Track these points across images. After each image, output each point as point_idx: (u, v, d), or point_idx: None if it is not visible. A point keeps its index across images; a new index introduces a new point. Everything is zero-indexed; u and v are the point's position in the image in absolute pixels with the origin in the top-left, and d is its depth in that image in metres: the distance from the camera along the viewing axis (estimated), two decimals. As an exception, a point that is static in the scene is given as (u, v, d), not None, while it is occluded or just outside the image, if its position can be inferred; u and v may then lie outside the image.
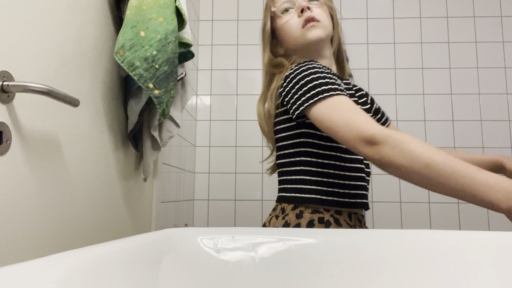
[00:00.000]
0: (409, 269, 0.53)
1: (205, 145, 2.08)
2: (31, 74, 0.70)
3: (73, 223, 0.84)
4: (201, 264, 0.54)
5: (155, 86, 0.97)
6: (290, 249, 0.56)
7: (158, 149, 1.20)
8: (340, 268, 0.54)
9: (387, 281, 0.52)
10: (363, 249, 0.56)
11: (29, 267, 0.32)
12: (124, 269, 0.42)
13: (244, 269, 0.54)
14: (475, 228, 2.00)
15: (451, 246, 0.54)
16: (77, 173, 0.86)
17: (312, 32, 0.88)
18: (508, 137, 2.02)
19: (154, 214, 1.35)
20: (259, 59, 2.13)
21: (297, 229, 0.69)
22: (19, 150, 0.66)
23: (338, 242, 0.56)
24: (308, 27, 0.88)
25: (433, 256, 0.53)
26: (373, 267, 0.54)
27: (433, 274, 0.52)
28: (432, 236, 0.56)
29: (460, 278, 0.51)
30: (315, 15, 0.89)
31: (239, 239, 0.57)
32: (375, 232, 0.61)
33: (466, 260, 0.52)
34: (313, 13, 0.89)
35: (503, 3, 2.11)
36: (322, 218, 0.85)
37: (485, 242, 0.54)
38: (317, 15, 0.90)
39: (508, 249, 0.52)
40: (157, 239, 0.54)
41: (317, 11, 0.91)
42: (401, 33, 2.12)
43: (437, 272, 0.52)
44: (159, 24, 0.96)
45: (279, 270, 0.54)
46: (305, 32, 0.89)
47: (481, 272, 0.51)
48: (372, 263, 0.54)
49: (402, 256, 0.54)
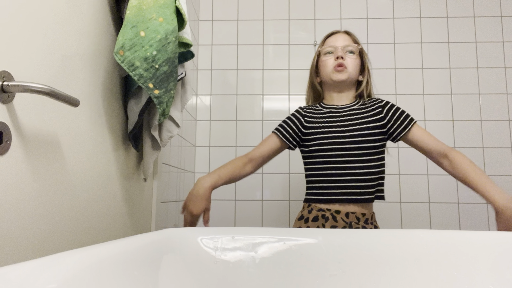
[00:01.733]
0: (409, 269, 0.53)
1: (205, 145, 2.08)
2: (31, 74, 0.70)
3: (73, 223, 0.84)
4: (201, 264, 0.54)
5: (155, 86, 0.97)
6: (290, 249, 0.56)
7: (158, 149, 1.20)
8: (340, 268, 0.54)
9: (387, 281, 0.52)
10: (363, 249, 0.56)
11: (29, 267, 0.32)
12: (124, 269, 0.42)
13: (244, 269, 0.54)
14: (475, 228, 2.00)
15: (451, 246, 0.54)
16: (77, 173, 0.86)
17: (338, 74, 1.21)
18: (508, 137, 2.02)
19: (154, 214, 1.35)
20: (259, 59, 2.13)
21: (297, 229, 0.69)
22: (19, 150, 0.66)
23: (338, 242, 0.56)
24: (337, 69, 1.21)
25: (433, 256, 0.53)
26: (373, 267, 0.54)
27: (433, 273, 0.52)
28: (432, 236, 0.56)
29: (460, 278, 0.50)
30: (345, 63, 1.21)
31: (239, 239, 0.57)
32: (375, 232, 0.61)
33: (466, 260, 0.52)
34: (344, 61, 1.21)
35: (503, 3, 2.11)
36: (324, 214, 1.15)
37: (485, 242, 0.54)
38: (347, 63, 1.21)
39: (508, 249, 0.52)
40: (157, 239, 0.54)
41: (348, 61, 1.22)
42: (401, 33, 2.12)
43: (437, 272, 0.52)
44: (159, 24, 0.96)
45: (279, 270, 0.54)
46: (334, 72, 1.22)
47: (481, 271, 0.51)
48: (372, 263, 0.54)
49: (402, 256, 0.54)
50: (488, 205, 1.99)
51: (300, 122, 1.23)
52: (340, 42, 1.24)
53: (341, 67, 1.20)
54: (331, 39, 1.27)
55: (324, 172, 1.17)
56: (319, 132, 1.20)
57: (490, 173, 2.01)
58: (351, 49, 1.23)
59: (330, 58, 1.23)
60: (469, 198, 1.99)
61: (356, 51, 1.23)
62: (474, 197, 1.99)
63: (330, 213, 1.14)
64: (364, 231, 0.59)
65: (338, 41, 1.24)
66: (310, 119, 1.23)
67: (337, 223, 1.12)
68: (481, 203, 1.99)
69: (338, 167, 1.16)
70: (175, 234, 0.58)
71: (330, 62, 1.22)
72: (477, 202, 1.99)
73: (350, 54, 1.23)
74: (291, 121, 1.24)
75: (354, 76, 1.23)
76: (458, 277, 0.52)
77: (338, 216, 1.13)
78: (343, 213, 1.13)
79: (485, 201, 1.95)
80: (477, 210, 1.99)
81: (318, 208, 1.16)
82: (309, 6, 2.15)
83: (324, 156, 1.18)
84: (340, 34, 1.27)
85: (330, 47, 1.24)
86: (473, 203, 1.99)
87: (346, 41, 1.24)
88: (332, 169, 1.16)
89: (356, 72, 1.23)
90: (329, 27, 2.13)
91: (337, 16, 2.14)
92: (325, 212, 1.14)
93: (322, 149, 1.18)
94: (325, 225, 1.12)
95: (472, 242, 0.55)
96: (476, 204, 1.99)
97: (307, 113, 1.25)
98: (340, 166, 1.15)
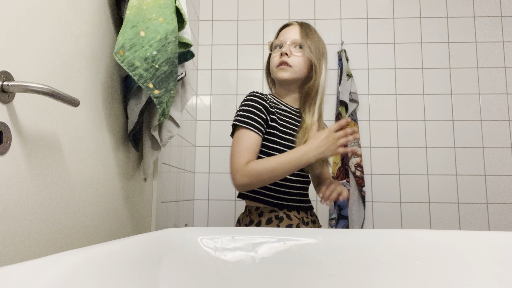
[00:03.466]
0: (408, 269, 0.53)
1: (205, 145, 2.08)
2: (31, 74, 0.70)
3: (73, 223, 0.84)
4: (201, 264, 0.54)
5: (155, 86, 0.97)
6: (290, 249, 0.56)
7: (158, 149, 1.20)
8: (340, 268, 0.54)
9: (387, 281, 0.52)
10: (363, 249, 0.56)
11: (29, 267, 0.32)
12: (124, 269, 0.42)
13: (244, 269, 0.54)
14: (475, 228, 2.00)
15: (451, 246, 0.54)
16: (77, 173, 0.86)
17: (281, 72, 1.12)
18: (508, 137, 2.02)
19: (154, 214, 1.35)
20: (259, 59, 2.13)
21: (297, 229, 0.69)
22: (19, 150, 0.66)
23: (338, 242, 0.56)
24: (280, 67, 1.12)
25: (433, 256, 0.53)
26: (373, 267, 0.54)
27: (433, 273, 0.52)
28: (432, 236, 0.56)
29: (460, 278, 0.50)
30: (289, 61, 1.11)
31: (239, 239, 0.57)
32: (375, 232, 0.61)
33: (466, 260, 0.52)
34: (289, 59, 1.11)
35: (503, 3, 2.11)
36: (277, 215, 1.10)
37: (485, 242, 0.54)
38: (291, 61, 1.11)
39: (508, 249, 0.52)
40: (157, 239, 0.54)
41: (293, 59, 1.12)
42: (401, 33, 2.12)
43: (437, 272, 0.52)
44: (159, 24, 0.96)
45: (279, 270, 0.54)
46: (277, 71, 1.13)
47: (481, 271, 0.51)
48: (372, 263, 0.54)
49: (402, 256, 0.54)
50: (488, 205, 1.99)
51: (267, 109, 1.08)
52: (290, 35, 1.13)
53: (284, 65, 1.10)
54: (283, 32, 1.17)
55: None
56: (280, 132, 1.09)
57: (490, 173, 2.01)
58: (301, 43, 1.12)
59: (277, 55, 1.13)
60: (469, 198, 1.99)
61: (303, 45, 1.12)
62: (474, 197, 1.99)
63: (282, 212, 1.08)
64: (364, 231, 0.59)
65: (289, 33, 1.14)
66: (272, 109, 1.10)
67: (291, 221, 1.07)
68: (481, 203, 1.99)
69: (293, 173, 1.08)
70: (175, 234, 0.58)
71: (275, 60, 1.13)
72: (477, 202, 1.99)
73: (299, 49, 1.12)
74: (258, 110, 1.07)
75: (299, 74, 1.12)
76: (458, 277, 0.52)
77: (290, 213, 1.09)
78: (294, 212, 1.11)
79: (485, 201, 1.95)
80: (477, 210, 1.99)
81: (269, 209, 1.09)
82: (309, 6, 2.15)
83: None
84: (292, 27, 1.15)
85: (279, 41, 1.15)
86: (473, 203, 1.99)
87: (297, 34, 1.12)
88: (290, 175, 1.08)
89: (301, 70, 1.12)
90: (329, 27, 2.13)
91: (337, 16, 2.14)
92: (278, 212, 1.08)
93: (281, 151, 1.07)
94: (280, 225, 1.06)
95: (472, 242, 0.55)
96: (476, 204, 1.99)
97: (270, 102, 1.11)
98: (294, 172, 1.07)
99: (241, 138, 1.05)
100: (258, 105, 1.07)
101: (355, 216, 1.95)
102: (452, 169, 2.02)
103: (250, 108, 1.07)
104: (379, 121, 2.07)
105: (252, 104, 1.07)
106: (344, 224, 1.91)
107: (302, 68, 1.12)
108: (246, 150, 1.03)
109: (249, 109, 1.07)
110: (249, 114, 1.06)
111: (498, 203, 1.98)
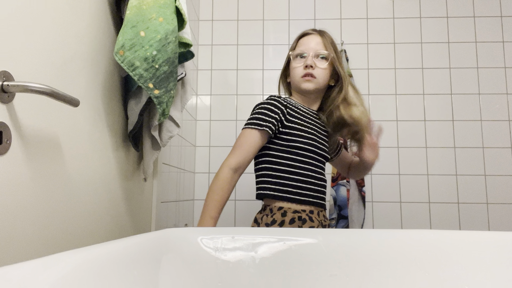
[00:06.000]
0: (409, 269, 0.53)
1: (205, 145, 2.08)
2: (31, 74, 0.70)
3: (73, 223, 0.84)
4: (201, 264, 0.54)
5: (155, 86, 0.97)
6: (290, 249, 0.56)
7: (158, 149, 1.20)
8: (340, 268, 0.54)
9: (387, 281, 0.52)
10: (362, 249, 0.56)
11: (29, 267, 0.32)
12: (124, 269, 0.42)
13: (244, 269, 0.54)
14: (475, 228, 2.00)
15: (451, 246, 0.54)
16: (77, 173, 0.86)
17: (306, 84, 1.16)
18: (508, 137, 2.02)
19: (154, 214, 1.35)
20: (259, 59, 2.13)
21: (297, 229, 0.69)
22: (19, 150, 0.66)
23: (338, 242, 0.56)
24: (305, 79, 1.16)
25: (433, 256, 0.53)
26: (373, 267, 0.54)
27: (433, 273, 0.52)
28: (432, 236, 0.56)
29: (460, 278, 0.51)
30: (314, 73, 1.15)
31: (239, 239, 0.57)
32: (375, 232, 0.61)
33: (466, 260, 0.52)
34: (314, 71, 1.15)
35: (503, 3, 2.11)
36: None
37: (485, 242, 0.54)
38: (316, 73, 1.16)
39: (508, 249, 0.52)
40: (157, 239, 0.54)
41: (318, 71, 1.16)
42: (401, 33, 2.12)
43: (437, 272, 0.52)
44: (159, 24, 0.96)
45: (279, 270, 0.54)
46: (302, 81, 1.17)
47: (481, 271, 0.51)
48: (372, 263, 0.54)
49: (402, 256, 0.54)
50: (488, 205, 1.99)
51: (283, 113, 1.12)
52: (312, 45, 1.17)
53: (309, 76, 1.15)
54: (303, 41, 1.19)
55: (304, 173, 1.12)
56: (301, 129, 1.13)
57: (490, 173, 2.01)
58: (325, 56, 1.16)
59: (300, 66, 1.17)
60: (469, 198, 1.99)
61: (328, 58, 1.17)
62: (474, 197, 1.99)
63: (305, 214, 1.11)
64: (364, 231, 0.59)
65: (310, 44, 1.17)
66: (292, 112, 1.14)
67: (313, 223, 1.10)
68: (481, 203, 1.99)
69: (315, 170, 1.15)
70: (175, 234, 0.58)
71: (299, 70, 1.17)
72: (477, 202, 1.99)
73: (322, 60, 1.17)
74: (273, 112, 1.11)
75: (322, 85, 1.18)
76: (458, 277, 0.52)
77: (312, 216, 1.12)
78: (316, 213, 1.14)
79: (485, 201, 1.95)
80: (477, 210, 1.99)
81: (292, 210, 1.10)
82: (309, 6, 2.15)
83: (305, 156, 1.13)
84: (312, 36, 1.19)
85: (300, 50, 1.18)
86: (473, 203, 1.99)
87: (319, 44, 1.17)
88: (311, 171, 1.14)
89: (325, 81, 1.18)
90: (329, 27, 2.13)
91: (337, 16, 2.14)
92: (301, 214, 1.10)
93: (304, 148, 1.12)
94: (302, 227, 1.09)
95: (472, 242, 0.55)
96: (476, 204, 1.99)
97: (288, 105, 1.15)
98: (316, 169, 1.15)
99: (241, 137, 1.11)
100: (273, 107, 1.12)
101: (355, 216, 1.95)
102: (452, 169, 2.02)
103: (262, 110, 1.12)
104: (379, 121, 2.07)
105: (265, 106, 1.13)
106: (344, 224, 1.91)
107: (326, 79, 1.18)
108: (238, 147, 1.09)
109: (260, 111, 1.12)
110: (257, 115, 1.12)
111: (498, 203, 1.98)
